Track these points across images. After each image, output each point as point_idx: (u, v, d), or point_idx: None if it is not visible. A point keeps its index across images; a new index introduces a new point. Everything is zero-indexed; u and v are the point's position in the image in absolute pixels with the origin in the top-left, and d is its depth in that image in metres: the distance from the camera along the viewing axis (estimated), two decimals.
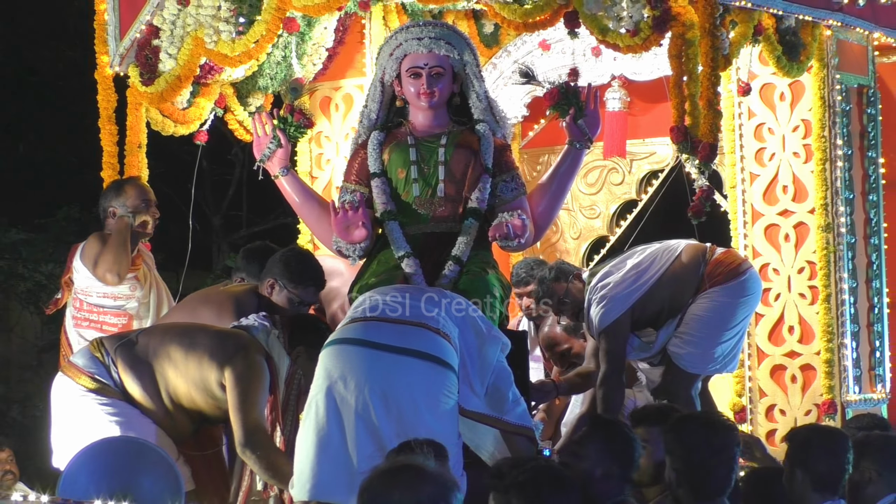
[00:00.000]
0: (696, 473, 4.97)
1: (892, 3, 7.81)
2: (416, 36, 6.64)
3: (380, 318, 5.81)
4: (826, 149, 7.43)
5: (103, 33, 7.80)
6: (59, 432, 6.27)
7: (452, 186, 6.62)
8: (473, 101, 6.75)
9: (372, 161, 6.67)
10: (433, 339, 5.72)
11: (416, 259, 6.48)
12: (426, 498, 3.48)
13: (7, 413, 14.50)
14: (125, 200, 7.28)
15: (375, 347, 5.68)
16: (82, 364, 6.22)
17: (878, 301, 7.66)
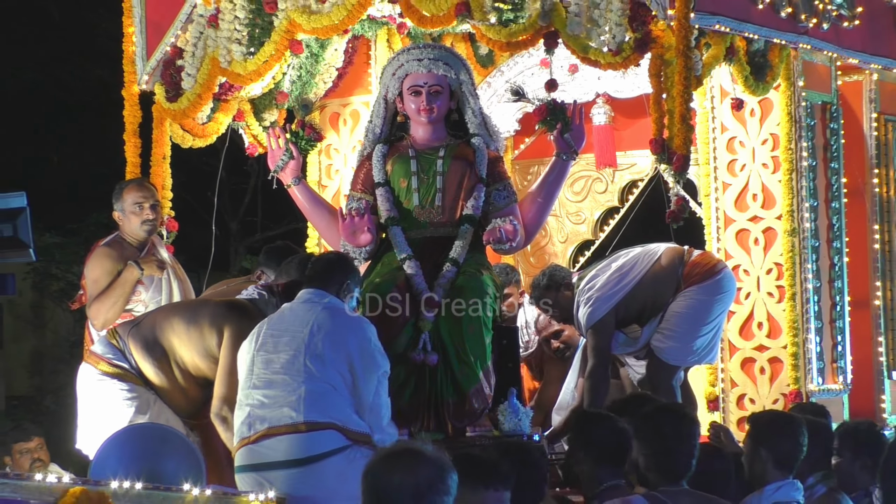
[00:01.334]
0: (662, 458, 5.05)
1: (854, 28, 7.81)
2: (416, 57, 6.68)
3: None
4: (792, 160, 7.42)
5: (131, 54, 7.80)
6: (83, 415, 6.27)
7: (449, 195, 6.65)
8: (469, 117, 6.77)
9: (376, 172, 6.70)
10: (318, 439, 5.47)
11: (416, 261, 6.51)
12: (424, 479, 3.46)
13: (41, 402, 14.51)
14: (122, 204, 7.23)
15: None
16: (100, 351, 6.25)
17: (839, 300, 7.65)
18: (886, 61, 8.16)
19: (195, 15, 7.55)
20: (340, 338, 5.54)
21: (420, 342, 6.39)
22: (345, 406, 5.44)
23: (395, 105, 6.81)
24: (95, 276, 7.08)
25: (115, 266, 7.07)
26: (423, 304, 6.41)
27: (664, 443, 5.07)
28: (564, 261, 8.71)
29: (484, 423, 6.48)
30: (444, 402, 6.40)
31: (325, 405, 5.41)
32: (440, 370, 6.40)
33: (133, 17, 7.81)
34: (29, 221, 5.59)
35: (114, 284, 7.03)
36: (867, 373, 7.90)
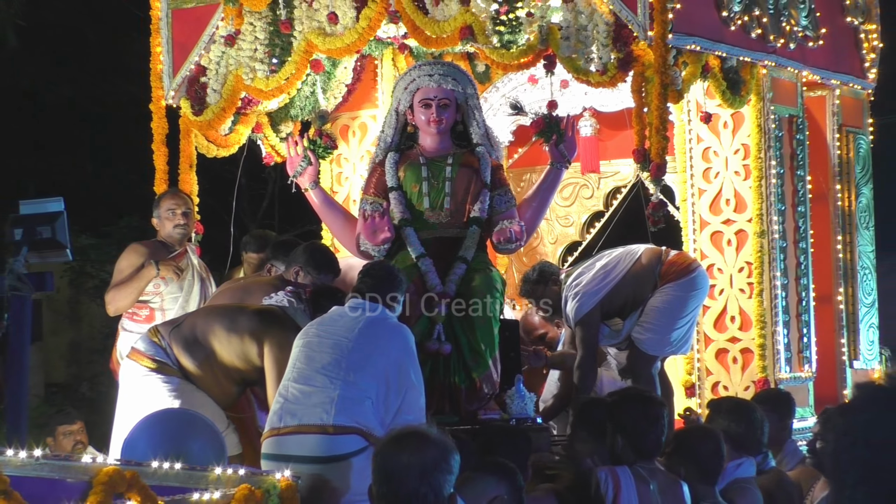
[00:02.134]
0: (635, 438, 5.07)
1: (818, 47, 7.81)
2: (427, 73, 6.68)
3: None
4: (762, 168, 7.42)
5: (159, 72, 7.80)
6: (127, 407, 6.24)
7: (457, 199, 6.67)
8: (473, 128, 6.79)
9: (389, 177, 6.69)
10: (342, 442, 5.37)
11: (430, 259, 6.51)
12: (430, 459, 3.47)
13: (78, 389, 14.50)
14: (158, 211, 7.29)
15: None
16: (143, 349, 6.21)
17: (805, 295, 7.64)
18: (848, 78, 8.17)
19: (217, 36, 7.55)
20: (381, 349, 5.48)
21: (434, 333, 6.38)
22: (372, 413, 5.35)
23: (406, 116, 6.81)
24: (121, 266, 7.14)
25: (140, 261, 7.11)
26: (437, 298, 6.42)
27: (636, 425, 5.11)
28: (554, 260, 8.69)
29: (492, 407, 6.50)
30: (458, 387, 6.42)
31: (354, 411, 5.31)
32: (453, 359, 6.41)
33: (160, 38, 7.82)
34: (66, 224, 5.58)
35: (132, 278, 7.07)
36: (830, 362, 7.90)
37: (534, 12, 6.62)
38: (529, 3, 6.64)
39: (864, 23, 8.29)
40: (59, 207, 5.59)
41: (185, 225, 7.29)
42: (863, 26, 8.29)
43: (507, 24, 6.65)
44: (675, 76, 6.62)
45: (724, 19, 7.09)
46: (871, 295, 8.24)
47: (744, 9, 7.19)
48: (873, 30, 8.36)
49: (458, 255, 6.57)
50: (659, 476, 5.09)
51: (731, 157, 7.58)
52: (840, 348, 8.00)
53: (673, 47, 6.56)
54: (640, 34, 6.46)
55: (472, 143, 6.83)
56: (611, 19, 6.53)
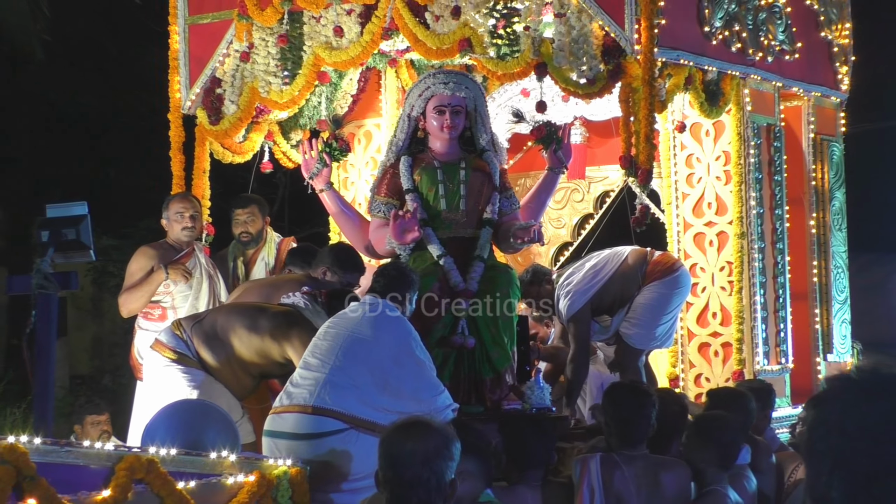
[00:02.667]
0: (621, 426, 5.07)
1: (794, 60, 7.82)
2: (442, 81, 6.65)
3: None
4: (742, 174, 7.42)
5: (176, 84, 7.80)
6: (146, 395, 6.25)
7: (471, 201, 6.65)
8: (481, 134, 6.77)
9: (405, 180, 6.66)
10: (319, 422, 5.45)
11: (451, 258, 6.50)
12: (432, 446, 3.46)
13: (100, 381, 14.49)
14: (168, 213, 7.23)
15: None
16: (165, 340, 6.22)
17: (782, 293, 7.64)
18: (822, 89, 8.18)
19: (231, 50, 7.54)
20: (377, 340, 5.53)
21: (459, 328, 6.38)
22: (356, 399, 5.41)
23: (418, 122, 6.79)
24: (132, 270, 7.10)
25: (150, 264, 7.06)
26: (461, 295, 6.42)
27: (622, 413, 5.11)
28: (546, 260, 8.71)
29: (512, 397, 6.50)
30: (483, 379, 6.41)
31: (336, 396, 5.40)
32: (477, 352, 6.41)
33: (178, 52, 7.82)
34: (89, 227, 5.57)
35: (143, 282, 7.03)
36: (806, 355, 7.91)
37: (529, 26, 6.62)
38: (525, 18, 6.64)
39: (838, 38, 8.29)
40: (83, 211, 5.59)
41: (192, 227, 7.25)
42: (837, 40, 8.29)
43: (505, 38, 6.64)
44: (659, 88, 6.62)
45: (706, 34, 7.09)
46: (843, 292, 8.25)
47: (724, 24, 7.19)
48: (846, 44, 8.37)
49: (476, 254, 6.56)
50: (638, 461, 5.09)
51: (713, 163, 7.58)
52: (815, 342, 8.00)
53: (658, 60, 6.56)
54: (628, 48, 6.46)
55: (479, 149, 6.82)
56: (600, 34, 6.53)
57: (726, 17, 7.20)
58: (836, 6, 8.29)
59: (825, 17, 8.19)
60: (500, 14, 6.64)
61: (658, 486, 5.03)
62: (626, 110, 6.55)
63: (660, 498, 5.03)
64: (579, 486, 5.02)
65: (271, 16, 7.24)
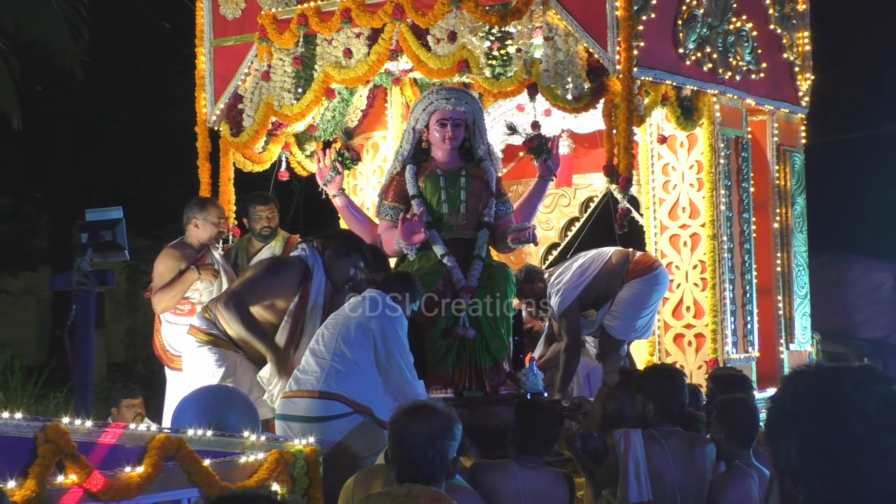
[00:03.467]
0: (664, 405, 5.10)
1: (760, 79, 7.81)
2: (444, 97, 6.67)
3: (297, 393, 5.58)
4: (713, 181, 7.41)
5: (202, 100, 7.79)
6: (181, 376, 6.22)
7: (470, 206, 6.66)
8: (479, 145, 6.78)
9: (410, 186, 6.66)
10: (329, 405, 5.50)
11: (453, 257, 6.50)
12: (436, 427, 3.46)
13: (134, 368, 14.48)
14: (206, 216, 7.01)
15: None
16: (198, 324, 6.23)
17: (749, 289, 7.63)
18: (785, 105, 8.17)
19: (252, 69, 7.53)
20: (370, 327, 5.55)
21: (460, 321, 6.37)
22: (358, 382, 5.44)
23: (422, 134, 6.78)
24: (161, 270, 6.95)
25: (177, 264, 6.89)
26: (462, 290, 6.41)
27: (666, 394, 5.11)
28: (537, 259, 8.69)
29: (509, 384, 6.49)
30: (483, 367, 6.40)
31: (340, 381, 5.44)
32: (477, 343, 6.41)
33: (204, 72, 7.81)
34: (124, 229, 5.58)
35: (176, 281, 6.85)
36: (770, 345, 7.90)
37: (521, 48, 6.61)
38: (517, 41, 6.63)
39: (798, 59, 8.29)
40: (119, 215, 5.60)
41: (223, 231, 7.24)
42: (797, 62, 8.28)
43: (498, 59, 6.64)
44: (639, 104, 6.61)
45: (681, 55, 7.08)
46: (804, 288, 8.24)
47: (697, 47, 7.19)
48: (806, 65, 8.36)
49: (475, 254, 6.57)
50: (674, 437, 5.07)
51: (687, 171, 7.57)
52: (778, 333, 7.99)
53: (637, 78, 6.55)
54: (610, 68, 6.45)
55: (477, 158, 6.82)
56: (585, 55, 6.52)
57: (699, 41, 7.19)
58: (796, 31, 8.29)
59: (787, 41, 8.19)
60: (494, 37, 6.63)
61: (693, 459, 5.03)
62: (608, 124, 6.54)
63: (693, 469, 5.02)
64: (624, 458, 5.00)
65: (289, 39, 7.23)
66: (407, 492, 3.30)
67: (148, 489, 3.78)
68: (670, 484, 4.98)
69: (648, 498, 4.94)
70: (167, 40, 14.35)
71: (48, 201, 16.64)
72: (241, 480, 4.11)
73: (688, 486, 5.01)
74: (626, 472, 4.96)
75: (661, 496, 4.96)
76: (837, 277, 10.98)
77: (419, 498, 3.26)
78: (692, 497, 5.02)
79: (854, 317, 11.11)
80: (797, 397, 1.76)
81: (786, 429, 1.75)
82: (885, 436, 1.71)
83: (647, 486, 4.95)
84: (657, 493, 4.96)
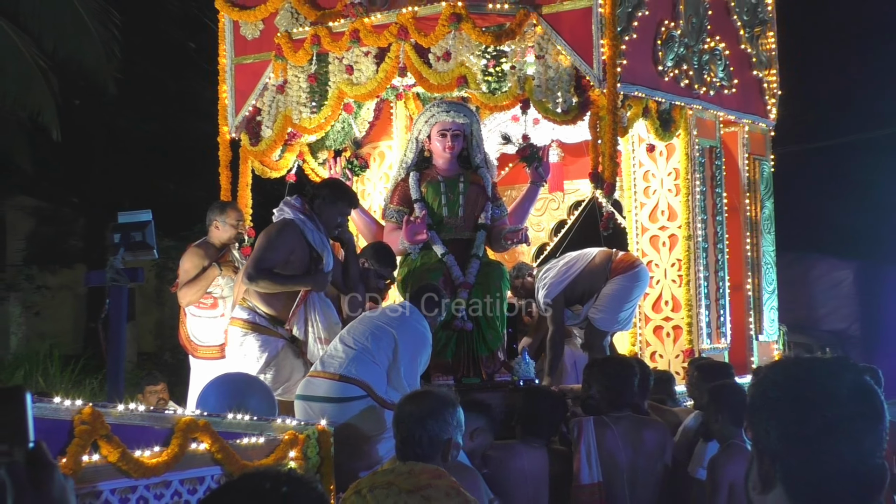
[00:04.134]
0: (608, 393, 5.01)
1: (732, 94, 7.80)
2: (444, 109, 6.68)
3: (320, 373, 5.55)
4: (689, 187, 7.41)
5: (224, 112, 7.77)
6: (228, 365, 6.13)
7: (468, 209, 6.67)
8: (476, 154, 6.78)
9: (414, 191, 6.67)
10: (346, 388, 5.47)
11: (452, 256, 6.51)
12: (426, 409, 3.48)
13: (162, 357, 14.48)
14: (226, 218, 7.01)
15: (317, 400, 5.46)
16: (238, 315, 6.15)
17: (721, 285, 7.62)
18: (755, 117, 8.16)
19: (269, 85, 7.51)
20: (396, 338, 5.50)
21: (459, 314, 6.35)
22: (377, 375, 5.42)
23: (424, 144, 6.78)
24: (186, 267, 6.93)
25: (200, 262, 6.89)
26: (461, 287, 6.41)
27: (610, 382, 5.08)
28: (529, 258, 8.67)
29: (503, 371, 6.49)
30: (480, 356, 6.39)
31: (361, 369, 5.41)
32: (475, 334, 6.41)
33: (226, 87, 7.79)
34: (153, 230, 5.56)
35: (200, 277, 6.82)
36: (741, 336, 7.89)
37: (515, 66, 6.60)
38: (511, 59, 6.62)
39: (766, 76, 8.28)
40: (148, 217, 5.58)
41: (241, 232, 7.21)
42: (766, 78, 8.27)
43: (494, 76, 6.63)
44: (622, 116, 6.60)
45: (660, 72, 7.07)
46: (772, 284, 8.23)
47: (675, 64, 7.17)
48: (773, 81, 8.35)
49: (472, 253, 6.59)
50: (624, 421, 5.06)
51: (666, 178, 7.57)
52: (748, 325, 7.98)
53: (620, 93, 6.54)
54: (596, 83, 6.44)
55: (474, 166, 6.83)
56: (573, 72, 6.50)
57: (676, 59, 7.18)
58: (766, 51, 8.27)
59: (757, 60, 8.19)
60: (490, 56, 6.62)
61: (642, 441, 5.02)
62: (594, 135, 6.52)
63: (643, 451, 5.01)
64: (577, 445, 5.00)
65: (302, 57, 7.21)
66: (409, 469, 3.30)
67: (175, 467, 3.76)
68: (621, 465, 4.98)
69: (598, 479, 4.94)
70: (192, 58, 14.34)
71: (84, 205, 16.64)
72: (259, 459, 4.09)
73: (639, 467, 5.01)
74: (578, 456, 4.96)
75: (614, 477, 4.96)
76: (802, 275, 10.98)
77: (420, 475, 3.25)
78: (642, 476, 5.02)
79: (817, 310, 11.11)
80: (777, 385, 1.77)
81: (766, 413, 1.75)
82: (856, 421, 1.72)
83: (597, 469, 4.96)
84: (610, 475, 4.95)
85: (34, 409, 1.72)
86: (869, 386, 1.75)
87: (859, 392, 1.73)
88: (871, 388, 1.75)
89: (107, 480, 3.56)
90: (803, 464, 1.72)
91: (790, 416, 1.73)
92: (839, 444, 1.70)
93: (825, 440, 1.70)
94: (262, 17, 7.66)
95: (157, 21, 14.67)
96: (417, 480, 3.22)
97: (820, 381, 1.74)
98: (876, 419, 1.73)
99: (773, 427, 1.74)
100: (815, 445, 1.70)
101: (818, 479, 1.71)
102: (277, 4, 7.54)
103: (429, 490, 3.19)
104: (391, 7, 6.98)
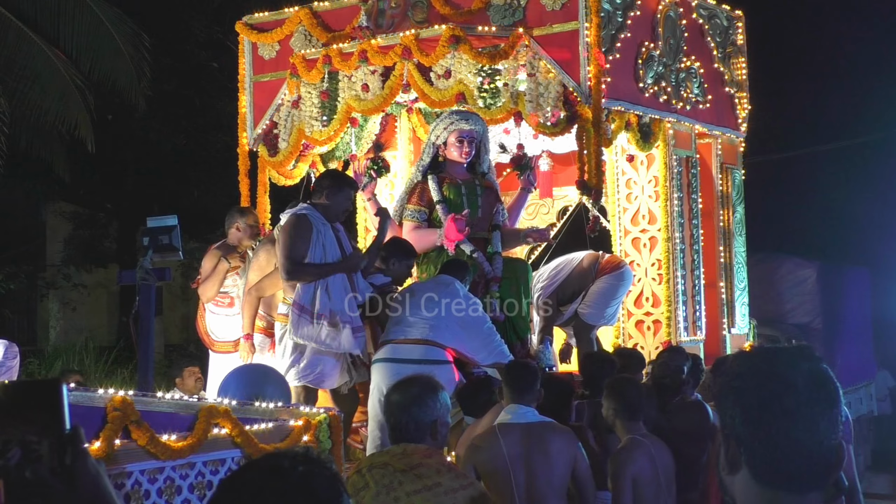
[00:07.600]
0: (518, 394, 4.87)
1: (706, 108, 7.79)
2: (463, 118, 6.70)
3: (400, 340, 5.63)
4: (667, 193, 7.40)
5: (244, 126, 7.77)
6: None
7: (484, 210, 6.67)
8: (485, 160, 6.80)
9: (435, 193, 6.68)
10: (432, 350, 5.56)
11: (480, 252, 6.55)
12: (410, 396, 3.48)
13: (187, 348, 14.48)
14: (247, 221, 6.96)
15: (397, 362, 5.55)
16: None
17: (697, 283, 7.61)
18: (727, 130, 8.15)
19: (285, 101, 7.51)
20: (456, 304, 5.66)
21: (492, 305, 6.35)
22: (452, 340, 5.57)
23: (439, 149, 6.79)
24: (206, 267, 6.91)
25: (218, 261, 6.90)
26: (491, 280, 6.42)
27: (519, 385, 4.60)
28: (521, 257, 8.66)
29: (530, 357, 6.51)
30: (511, 343, 6.36)
31: (441, 335, 5.54)
32: (506, 323, 6.39)
33: (245, 102, 7.79)
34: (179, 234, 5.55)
35: (213, 274, 6.81)
36: (715, 329, 7.88)
37: (508, 83, 6.60)
38: (505, 77, 6.61)
39: (738, 92, 8.28)
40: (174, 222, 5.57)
41: (258, 235, 7.17)
42: (737, 94, 8.27)
43: (489, 92, 6.62)
44: (606, 129, 6.60)
45: (641, 89, 7.06)
46: (743, 282, 8.21)
47: (654, 81, 7.17)
48: (744, 97, 8.35)
49: (493, 251, 6.63)
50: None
51: (646, 185, 7.55)
52: (721, 320, 7.96)
53: (605, 107, 6.53)
54: (583, 98, 6.43)
55: (481, 172, 6.88)
56: (561, 88, 6.50)
57: (655, 76, 7.18)
58: (738, 76, 8.28)
59: (729, 77, 8.18)
60: (485, 74, 6.62)
61: (543, 443, 4.85)
62: (580, 145, 6.52)
63: (541, 453, 4.80)
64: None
65: (315, 75, 7.21)
66: (403, 449, 3.31)
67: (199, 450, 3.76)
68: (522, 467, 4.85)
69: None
70: (215, 77, 14.33)
71: (117, 210, 16.65)
72: (275, 443, 4.09)
73: (538, 467, 4.80)
74: None
75: (516, 480, 4.78)
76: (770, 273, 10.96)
77: (413, 455, 3.27)
78: (543, 477, 4.69)
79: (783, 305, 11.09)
80: (741, 375, 1.77)
81: (731, 401, 1.75)
82: (812, 406, 1.72)
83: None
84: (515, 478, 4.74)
85: (70, 397, 1.70)
86: (824, 374, 1.74)
87: (815, 380, 1.72)
88: (827, 375, 1.74)
89: (136, 462, 3.55)
90: (765, 446, 1.71)
91: (752, 402, 1.72)
92: (796, 428, 1.70)
93: (783, 424, 1.70)
94: (279, 38, 7.67)
95: (184, 44, 14.68)
96: (410, 460, 3.23)
97: (779, 371, 1.73)
98: (830, 404, 1.72)
99: (738, 413, 1.74)
100: (774, 429, 1.70)
101: (778, 460, 1.70)
102: (292, 27, 7.54)
103: (421, 469, 3.20)
104: (396, 30, 6.98)
